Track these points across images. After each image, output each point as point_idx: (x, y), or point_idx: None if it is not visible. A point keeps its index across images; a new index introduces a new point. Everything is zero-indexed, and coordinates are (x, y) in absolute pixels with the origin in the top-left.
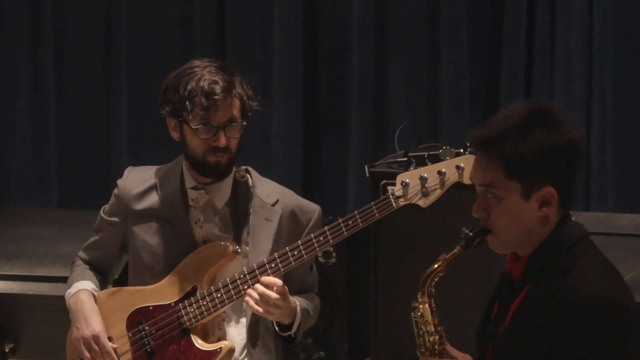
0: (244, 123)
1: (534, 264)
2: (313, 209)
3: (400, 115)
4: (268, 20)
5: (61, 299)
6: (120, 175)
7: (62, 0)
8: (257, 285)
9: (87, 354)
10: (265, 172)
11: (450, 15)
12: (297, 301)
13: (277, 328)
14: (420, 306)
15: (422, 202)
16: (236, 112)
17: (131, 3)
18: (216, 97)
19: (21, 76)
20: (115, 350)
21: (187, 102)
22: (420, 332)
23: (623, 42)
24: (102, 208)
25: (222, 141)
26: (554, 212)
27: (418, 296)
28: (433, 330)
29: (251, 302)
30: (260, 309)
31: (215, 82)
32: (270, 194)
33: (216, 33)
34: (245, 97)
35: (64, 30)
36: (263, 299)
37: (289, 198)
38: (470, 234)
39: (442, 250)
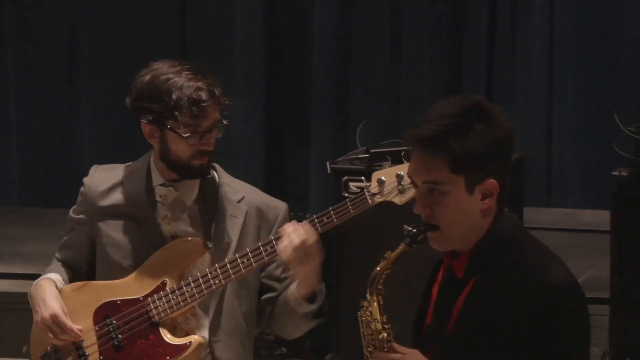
0: (225, 122)
1: (477, 257)
2: (280, 205)
3: (361, 113)
4: (229, 20)
5: (23, 296)
6: (83, 173)
7: (25, 4)
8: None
9: (49, 335)
10: (227, 171)
11: (412, 14)
12: None
13: (300, 301)
14: (370, 304)
15: (398, 200)
16: (218, 115)
17: (92, 3)
18: (204, 104)
19: None
20: (79, 344)
21: (175, 112)
22: (369, 331)
23: (583, 43)
24: (72, 208)
25: (210, 144)
26: (494, 203)
27: (367, 295)
28: (381, 328)
29: (286, 240)
30: (292, 246)
31: (200, 89)
32: (237, 191)
33: (177, 35)
34: (222, 98)
35: (26, 33)
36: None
37: (255, 195)
38: (414, 230)
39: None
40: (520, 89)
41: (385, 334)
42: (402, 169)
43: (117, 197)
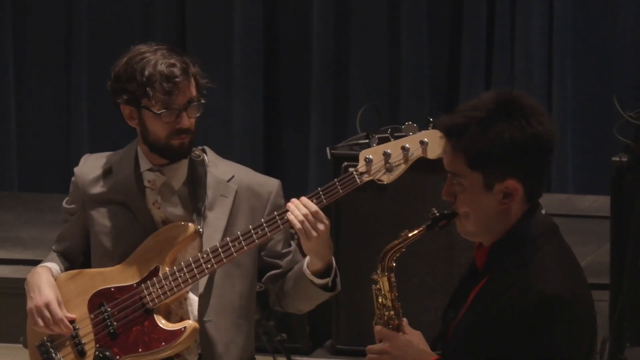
0: (202, 101)
1: (494, 254)
2: (272, 182)
3: (361, 101)
4: (229, 9)
5: (22, 281)
6: (80, 157)
7: None
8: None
9: (40, 323)
10: (226, 157)
11: (411, 2)
12: None
13: (313, 277)
14: (379, 279)
15: (386, 178)
16: (194, 91)
17: None
18: (177, 79)
19: None
20: (75, 327)
21: (148, 88)
22: (378, 305)
23: (583, 31)
24: (65, 199)
25: (186, 122)
26: (517, 205)
27: (378, 269)
28: (390, 304)
29: (291, 215)
30: (298, 220)
31: (173, 65)
32: (226, 171)
33: (177, 23)
34: (199, 76)
35: (24, 21)
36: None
37: (246, 174)
38: (437, 214)
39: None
40: (519, 74)
41: (392, 312)
42: (390, 147)
43: (107, 184)
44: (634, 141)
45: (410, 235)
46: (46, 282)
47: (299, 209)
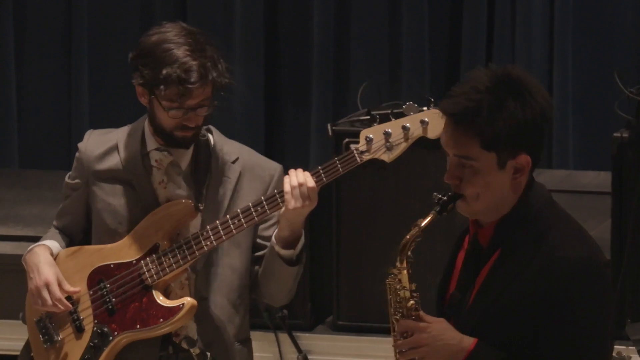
0: (215, 103)
1: (503, 230)
2: (274, 166)
3: (361, 76)
4: None
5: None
6: (82, 137)
7: None
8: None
9: (40, 303)
10: (228, 136)
11: None
12: None
13: (279, 249)
14: (400, 272)
15: (387, 157)
16: (208, 95)
17: None
18: (191, 86)
19: None
20: (74, 302)
21: (162, 85)
22: (397, 299)
23: (583, 8)
24: (67, 174)
25: (193, 121)
26: (525, 178)
27: (397, 263)
28: (409, 296)
29: (287, 180)
30: (289, 187)
31: (191, 70)
32: (230, 152)
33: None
34: (219, 79)
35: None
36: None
37: (249, 156)
38: (444, 198)
39: (403, 212)
40: (520, 52)
41: (412, 302)
42: (390, 126)
43: (112, 161)
44: (635, 117)
45: (423, 224)
46: (44, 261)
47: (298, 177)
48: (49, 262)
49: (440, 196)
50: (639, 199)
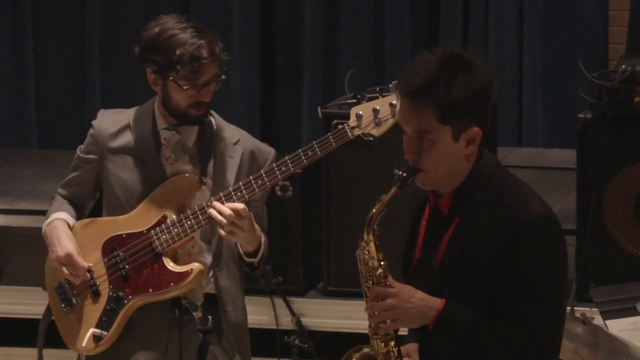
0: (223, 77)
1: (461, 195)
2: (269, 150)
3: (348, 63)
4: None
5: (40, 230)
6: (93, 117)
7: None
8: (221, 206)
9: (64, 272)
10: (227, 118)
11: None
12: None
13: (242, 254)
14: (367, 244)
15: (376, 132)
16: (217, 70)
17: None
18: (204, 61)
19: (3, 35)
20: (90, 270)
21: (178, 66)
22: (367, 269)
23: (550, 0)
24: (79, 147)
25: (207, 96)
26: (476, 148)
27: (364, 235)
28: (378, 265)
29: (217, 216)
30: (225, 227)
31: (202, 47)
32: (232, 135)
33: None
34: (222, 55)
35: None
36: (228, 219)
37: (248, 139)
38: (404, 174)
39: (387, 186)
40: (493, 40)
41: (381, 270)
42: (379, 104)
43: (126, 138)
44: (597, 100)
45: (386, 199)
46: (64, 234)
47: (223, 211)
48: (69, 236)
49: (400, 172)
50: (601, 174)
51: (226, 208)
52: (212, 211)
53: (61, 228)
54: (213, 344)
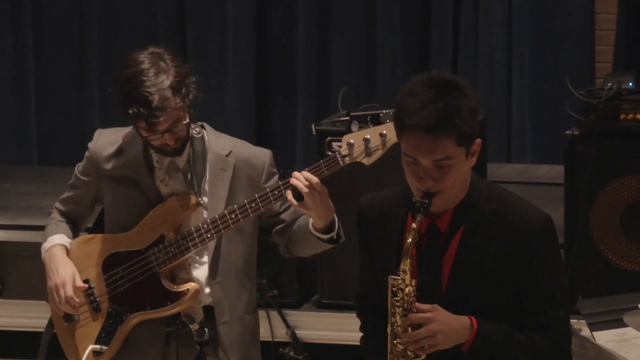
0: (188, 120)
1: (461, 212)
2: (265, 153)
3: (341, 81)
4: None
5: (41, 245)
6: (93, 133)
7: None
8: (300, 175)
9: (55, 301)
10: (223, 131)
11: None
12: None
13: (313, 232)
14: (405, 273)
15: (366, 161)
16: (179, 114)
17: None
18: (154, 120)
19: (4, 53)
20: (91, 286)
21: (132, 121)
22: (404, 297)
23: (538, 19)
24: (77, 166)
25: (170, 142)
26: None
27: (401, 264)
28: (412, 291)
29: (298, 184)
30: (305, 196)
31: (151, 104)
32: (224, 146)
33: (176, 11)
34: (186, 96)
35: (41, 13)
36: (309, 188)
37: (242, 148)
38: (426, 200)
39: None
40: (482, 57)
41: (413, 297)
42: (369, 133)
43: (119, 162)
44: (584, 116)
45: (416, 226)
46: (62, 261)
47: (303, 177)
48: (66, 262)
49: (420, 199)
50: (587, 189)
51: (304, 179)
52: (294, 180)
53: (59, 256)
54: (210, 356)
